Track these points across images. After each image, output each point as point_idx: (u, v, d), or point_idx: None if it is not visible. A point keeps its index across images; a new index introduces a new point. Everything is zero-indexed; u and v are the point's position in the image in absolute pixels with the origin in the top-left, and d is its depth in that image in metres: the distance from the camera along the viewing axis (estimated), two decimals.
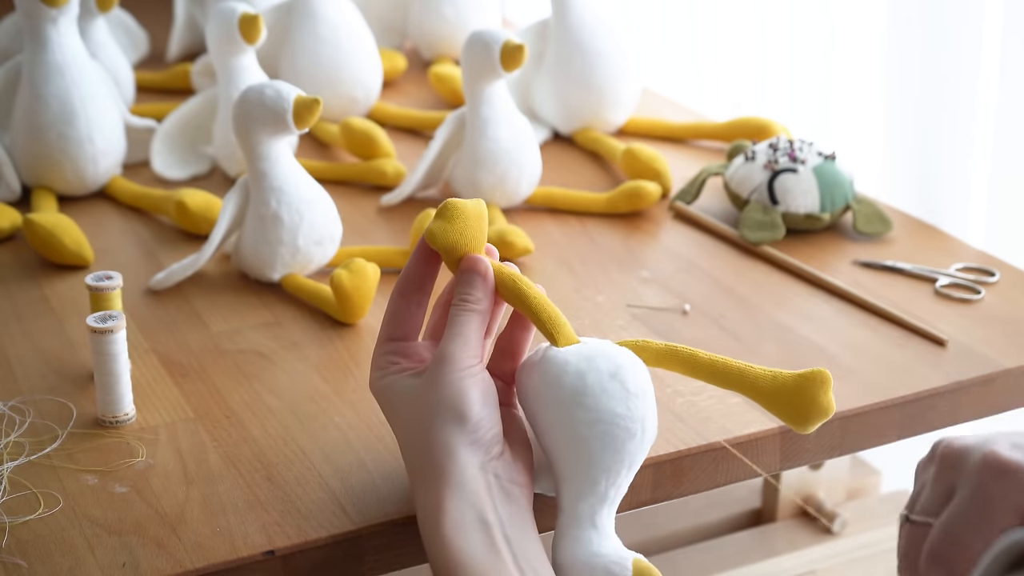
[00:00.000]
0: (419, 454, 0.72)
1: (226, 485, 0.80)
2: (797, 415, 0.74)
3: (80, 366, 0.93)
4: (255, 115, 1.00)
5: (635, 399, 0.72)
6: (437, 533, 0.69)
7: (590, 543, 0.72)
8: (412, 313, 0.77)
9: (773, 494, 1.18)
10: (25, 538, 0.75)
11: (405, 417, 0.74)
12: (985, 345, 0.94)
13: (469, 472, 0.70)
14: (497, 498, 0.71)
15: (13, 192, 1.19)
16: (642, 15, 1.67)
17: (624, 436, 0.72)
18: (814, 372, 0.74)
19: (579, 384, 0.72)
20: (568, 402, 0.72)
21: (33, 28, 1.15)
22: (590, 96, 1.30)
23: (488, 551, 0.68)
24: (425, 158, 1.16)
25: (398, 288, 0.77)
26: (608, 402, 0.72)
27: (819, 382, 0.74)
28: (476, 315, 0.74)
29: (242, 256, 1.05)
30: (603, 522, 0.72)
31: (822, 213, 1.10)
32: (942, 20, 1.19)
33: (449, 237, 0.75)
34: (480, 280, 0.75)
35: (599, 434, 0.72)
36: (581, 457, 0.72)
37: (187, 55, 1.55)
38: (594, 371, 0.72)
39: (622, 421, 0.72)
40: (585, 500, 0.72)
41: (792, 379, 0.74)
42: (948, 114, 1.20)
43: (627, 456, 0.72)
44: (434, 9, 1.52)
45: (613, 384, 0.72)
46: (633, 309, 1.00)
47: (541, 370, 0.74)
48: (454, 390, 0.71)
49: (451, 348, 0.73)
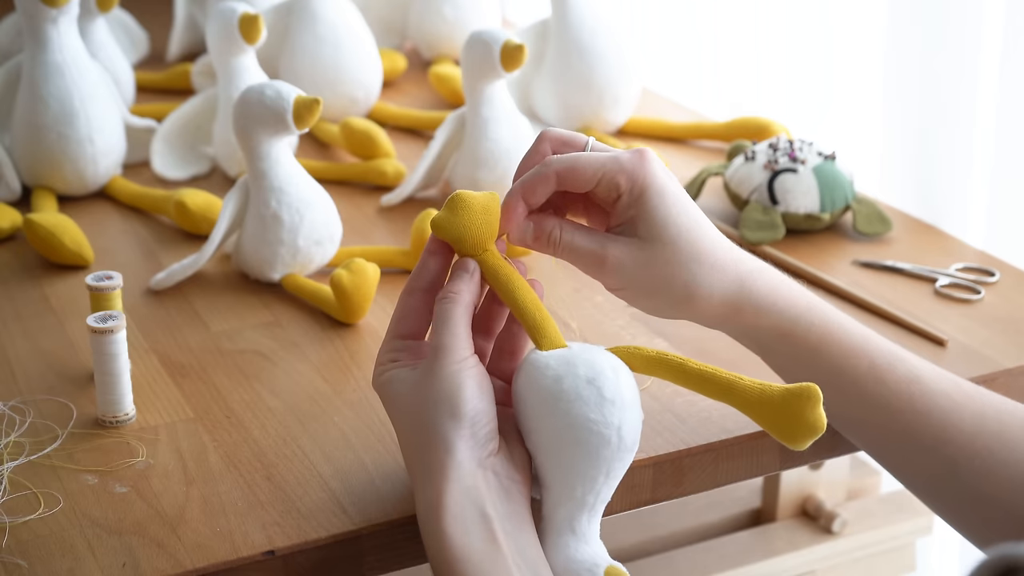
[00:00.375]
0: (418, 449, 0.72)
1: (226, 485, 0.80)
2: (785, 431, 0.72)
3: (80, 366, 0.93)
4: (255, 115, 1.00)
5: (610, 405, 0.71)
6: (437, 527, 0.69)
7: (567, 548, 0.72)
8: (420, 313, 0.77)
9: (773, 494, 1.18)
10: (25, 538, 0.75)
11: (404, 411, 0.74)
12: (985, 345, 0.94)
13: (467, 467, 0.70)
14: (496, 494, 0.71)
15: (13, 192, 1.19)
16: (642, 15, 1.67)
17: (598, 442, 0.71)
18: (802, 387, 0.72)
19: (555, 388, 0.72)
20: (544, 406, 0.72)
21: (33, 28, 1.15)
22: (590, 96, 1.30)
23: (487, 545, 0.68)
24: (425, 158, 1.16)
25: (407, 288, 0.78)
26: (582, 408, 0.71)
27: (806, 398, 0.71)
28: (457, 306, 0.74)
29: (242, 256, 1.05)
30: (582, 528, 0.72)
31: (822, 213, 1.10)
32: (942, 20, 1.19)
33: (454, 229, 0.76)
34: (466, 275, 0.76)
35: (573, 440, 0.71)
36: (558, 462, 0.72)
37: (187, 55, 1.55)
38: (571, 376, 0.72)
39: (595, 427, 0.71)
40: (563, 506, 0.72)
41: (779, 394, 0.72)
42: (948, 114, 1.20)
43: (602, 463, 0.72)
44: (434, 9, 1.52)
45: (589, 390, 0.72)
46: (633, 309, 1.00)
47: (523, 372, 0.74)
48: (451, 383, 0.72)
49: (442, 340, 0.73)
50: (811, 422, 0.71)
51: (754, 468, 0.86)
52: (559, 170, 0.77)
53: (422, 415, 0.72)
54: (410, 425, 0.73)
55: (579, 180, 0.77)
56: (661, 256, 0.78)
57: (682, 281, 0.78)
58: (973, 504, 0.77)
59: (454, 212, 0.76)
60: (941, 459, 0.77)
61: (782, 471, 0.90)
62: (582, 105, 1.30)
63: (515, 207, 0.78)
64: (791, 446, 0.73)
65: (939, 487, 0.78)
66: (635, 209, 0.78)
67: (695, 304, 0.79)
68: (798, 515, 1.18)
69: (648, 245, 0.78)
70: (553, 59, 1.30)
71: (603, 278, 0.79)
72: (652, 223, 0.77)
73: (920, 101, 1.23)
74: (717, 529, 1.19)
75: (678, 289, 0.78)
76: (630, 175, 0.77)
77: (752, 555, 1.14)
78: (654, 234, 0.77)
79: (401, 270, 1.06)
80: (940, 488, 0.78)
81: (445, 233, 0.76)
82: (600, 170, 0.77)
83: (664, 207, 0.77)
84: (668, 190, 0.78)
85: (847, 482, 1.20)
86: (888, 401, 0.78)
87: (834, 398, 0.79)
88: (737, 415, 0.86)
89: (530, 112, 1.34)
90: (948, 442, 0.77)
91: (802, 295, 0.80)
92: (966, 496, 0.77)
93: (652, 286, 0.78)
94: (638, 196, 0.77)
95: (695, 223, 0.78)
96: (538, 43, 1.32)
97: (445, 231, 0.76)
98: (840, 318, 0.80)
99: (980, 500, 0.76)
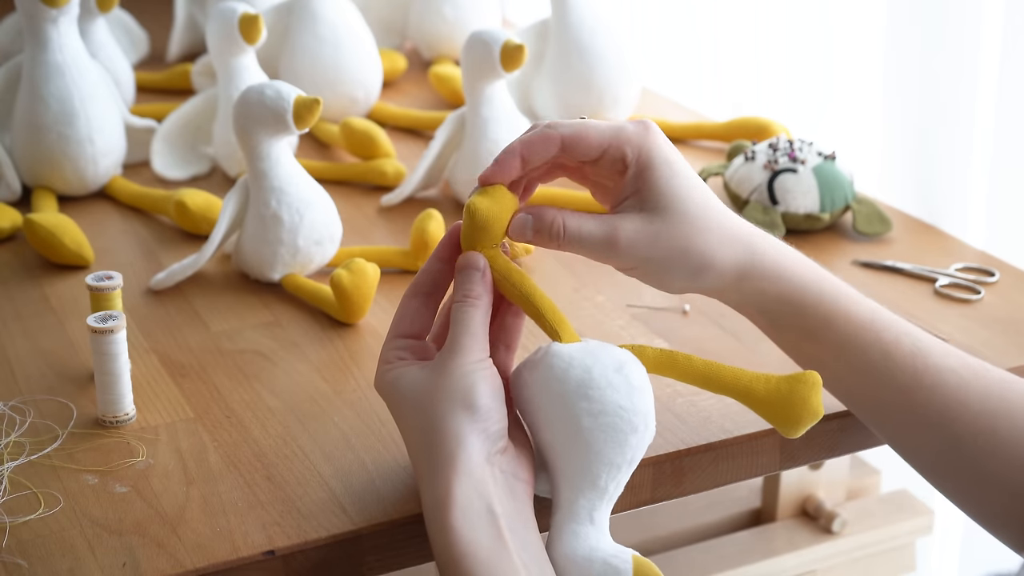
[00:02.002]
0: (427, 443, 0.72)
1: (226, 485, 0.80)
2: (788, 418, 0.75)
3: (80, 366, 0.93)
4: (255, 115, 1.00)
5: (639, 393, 0.73)
6: (444, 521, 0.69)
7: (588, 538, 0.72)
8: (422, 315, 0.77)
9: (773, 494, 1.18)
10: (25, 538, 0.75)
11: (412, 407, 0.73)
12: (985, 345, 0.94)
13: (477, 461, 0.70)
14: (502, 491, 0.71)
15: (13, 192, 1.19)
16: (642, 15, 1.67)
17: (628, 429, 0.72)
18: (804, 374, 0.75)
19: (585, 377, 0.73)
20: (573, 395, 0.72)
21: (33, 28, 1.15)
22: (590, 96, 1.30)
23: (494, 541, 0.68)
24: (425, 158, 1.16)
25: (411, 289, 0.78)
26: (613, 395, 0.72)
27: (810, 384, 0.75)
28: (479, 310, 0.74)
29: (242, 256, 1.05)
30: (600, 518, 0.73)
31: (822, 213, 1.10)
32: (941, 20, 1.19)
33: (489, 215, 0.75)
34: (479, 276, 0.75)
35: (603, 426, 0.72)
36: (584, 451, 0.72)
37: (187, 55, 1.55)
38: (599, 365, 0.73)
39: (626, 414, 0.72)
40: (585, 495, 0.73)
41: (784, 382, 0.75)
42: (948, 114, 1.20)
43: (629, 450, 0.73)
44: (434, 9, 1.52)
45: (618, 377, 0.73)
46: (633, 309, 1.00)
47: (546, 364, 0.74)
48: (465, 381, 0.72)
49: (460, 340, 0.73)
50: (812, 407, 0.75)
51: (754, 468, 0.86)
52: (566, 135, 0.75)
53: (433, 410, 0.72)
54: (418, 422, 0.73)
55: (586, 147, 0.76)
56: (675, 228, 0.76)
57: (698, 251, 0.77)
58: (977, 482, 0.77)
59: (494, 199, 0.76)
60: (946, 436, 0.77)
61: (782, 471, 0.90)
62: (582, 105, 1.30)
63: (510, 163, 0.76)
64: (789, 434, 0.75)
65: (943, 464, 0.78)
66: (641, 181, 0.76)
67: (709, 273, 0.78)
68: (798, 515, 1.18)
69: (659, 218, 0.76)
70: (553, 59, 1.30)
71: (615, 259, 0.77)
72: (661, 195, 0.76)
73: (920, 101, 1.23)
74: (717, 529, 1.19)
75: (694, 259, 0.77)
76: (636, 146, 0.76)
77: (752, 555, 1.14)
78: (664, 205, 0.76)
79: (401, 270, 1.06)
80: (944, 465, 0.78)
81: (479, 217, 0.75)
82: (607, 138, 0.76)
83: (674, 178, 0.76)
84: (674, 161, 0.77)
85: (847, 482, 1.20)
86: (894, 375, 0.78)
87: (841, 371, 0.79)
88: (737, 415, 0.86)
89: (530, 112, 1.34)
90: (954, 419, 0.76)
91: (809, 266, 0.80)
92: (970, 474, 0.77)
93: (668, 259, 0.77)
94: (643, 168, 0.76)
95: (702, 193, 0.78)
96: (538, 43, 1.32)
97: (481, 215, 0.75)
98: (848, 291, 0.80)
99: (984, 478, 0.76)
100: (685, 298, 1.02)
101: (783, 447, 0.86)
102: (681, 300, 1.01)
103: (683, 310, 1.00)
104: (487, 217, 0.75)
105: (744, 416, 0.86)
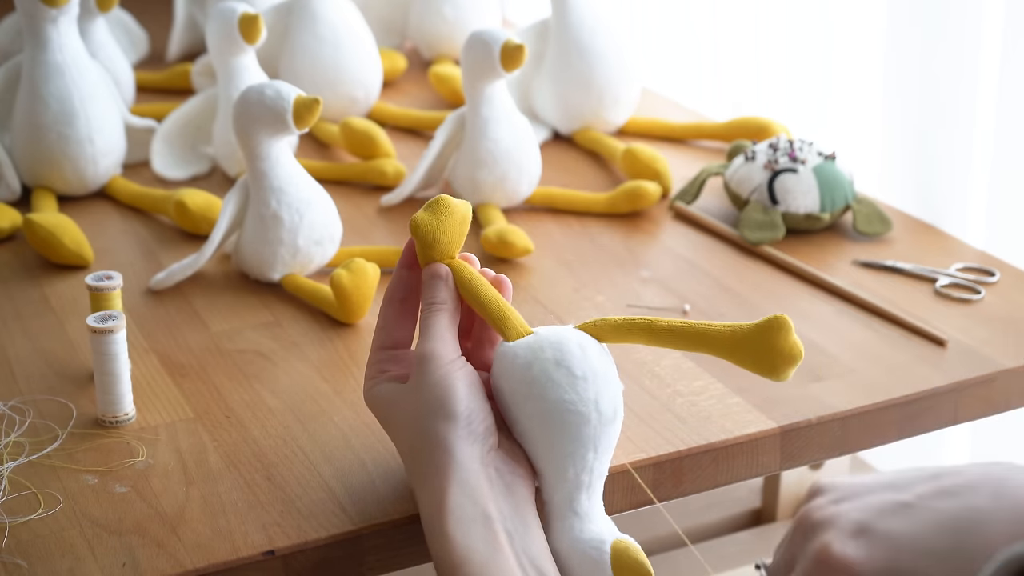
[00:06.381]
0: (417, 456, 0.73)
1: (226, 485, 0.80)
2: (765, 364, 0.72)
3: (80, 366, 0.93)
4: (255, 115, 1.00)
5: (583, 382, 0.73)
6: (440, 531, 0.69)
7: (571, 530, 0.73)
8: (401, 322, 0.79)
9: (773, 494, 1.18)
10: (25, 538, 0.75)
11: (399, 422, 0.75)
12: (985, 345, 0.94)
13: (469, 466, 0.71)
14: (498, 492, 0.71)
15: (13, 192, 1.19)
16: (642, 15, 1.67)
17: (578, 421, 0.72)
18: (771, 318, 0.72)
19: (526, 376, 0.73)
20: (519, 395, 0.73)
21: (33, 28, 1.15)
22: (590, 96, 1.30)
23: (490, 547, 0.69)
24: (425, 158, 1.16)
25: (387, 297, 0.79)
26: (555, 391, 0.73)
27: (777, 327, 0.72)
28: (444, 313, 0.76)
29: (242, 256, 1.05)
30: (583, 508, 0.73)
31: (822, 213, 1.10)
32: (941, 20, 1.19)
33: (432, 231, 0.77)
34: (442, 283, 0.77)
35: (552, 423, 0.73)
36: (545, 448, 0.73)
37: (187, 55, 1.55)
38: (539, 361, 0.73)
39: (572, 407, 0.72)
40: (559, 490, 0.73)
41: (751, 329, 0.72)
42: (948, 114, 1.20)
43: (587, 440, 0.73)
44: (434, 9, 1.52)
45: (559, 372, 0.73)
46: (633, 309, 1.00)
47: (495, 366, 0.75)
48: (441, 386, 0.72)
49: (429, 346, 0.74)
50: (787, 350, 0.72)
51: (754, 468, 0.86)
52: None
53: (417, 423, 0.73)
54: (407, 435, 0.74)
55: None
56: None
57: None
58: None
59: (436, 215, 0.78)
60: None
61: (782, 471, 0.90)
62: (582, 105, 1.30)
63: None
64: (774, 378, 0.73)
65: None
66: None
67: None
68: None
69: None
70: (553, 59, 1.30)
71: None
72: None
73: (920, 101, 1.23)
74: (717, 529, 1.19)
75: None
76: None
77: (752, 555, 1.14)
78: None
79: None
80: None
81: (423, 233, 0.77)
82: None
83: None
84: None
85: None
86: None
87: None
88: (737, 415, 0.86)
89: (530, 112, 1.34)
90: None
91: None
92: None
93: None
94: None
95: None
96: (538, 43, 1.31)
97: (424, 232, 0.77)
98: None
99: None
100: (685, 298, 1.02)
101: (783, 447, 0.86)
102: (681, 300, 1.01)
103: (683, 310, 1.00)
104: (427, 232, 0.77)
105: (744, 416, 0.86)
